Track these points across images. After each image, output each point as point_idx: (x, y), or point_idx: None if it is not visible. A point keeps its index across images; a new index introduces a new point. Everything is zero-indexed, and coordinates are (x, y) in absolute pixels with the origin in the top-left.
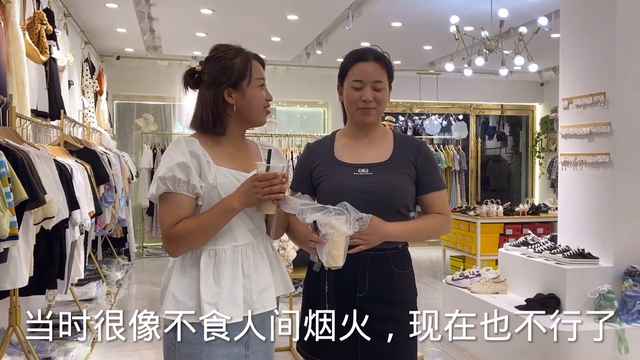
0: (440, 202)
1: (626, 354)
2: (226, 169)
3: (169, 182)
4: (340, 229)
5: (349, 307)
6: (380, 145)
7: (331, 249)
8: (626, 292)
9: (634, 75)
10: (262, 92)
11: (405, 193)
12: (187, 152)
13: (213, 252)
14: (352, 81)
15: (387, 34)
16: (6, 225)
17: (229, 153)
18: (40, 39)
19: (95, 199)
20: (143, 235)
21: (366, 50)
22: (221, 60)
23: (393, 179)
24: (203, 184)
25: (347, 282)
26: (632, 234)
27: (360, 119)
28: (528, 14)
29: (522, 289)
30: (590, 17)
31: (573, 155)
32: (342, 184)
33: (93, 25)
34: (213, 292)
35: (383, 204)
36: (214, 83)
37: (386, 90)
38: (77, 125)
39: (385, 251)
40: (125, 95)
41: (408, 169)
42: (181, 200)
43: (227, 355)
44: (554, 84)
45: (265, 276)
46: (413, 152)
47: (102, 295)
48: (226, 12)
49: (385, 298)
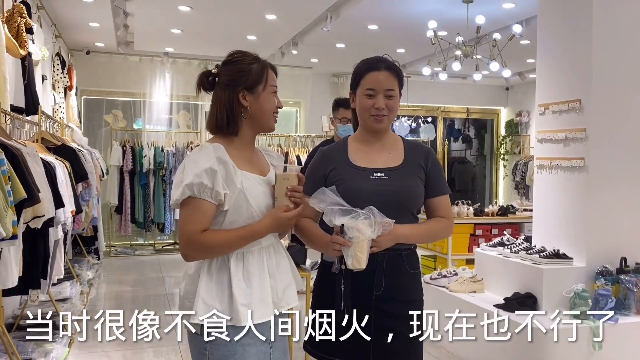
0: (445, 206)
1: (600, 350)
2: (249, 173)
3: (195, 188)
4: (365, 232)
5: (364, 306)
6: (392, 151)
7: (356, 251)
8: (599, 291)
9: (609, 83)
10: (274, 99)
11: (418, 196)
12: (215, 157)
13: (241, 255)
14: (365, 89)
15: (362, 36)
16: (9, 225)
17: (246, 157)
18: (19, 33)
19: (76, 197)
20: (111, 234)
21: (378, 59)
22: (239, 63)
23: (407, 183)
24: (227, 191)
25: (364, 281)
26: (605, 236)
27: (373, 126)
28: (501, 21)
29: (499, 288)
30: (567, 25)
31: (548, 160)
32: (359, 187)
33: (65, 18)
34: (245, 294)
35: (398, 206)
36: (231, 85)
37: (397, 98)
38: (52, 121)
39: (400, 251)
40: (94, 90)
41: (419, 173)
42: (205, 207)
43: (257, 353)
44: (519, 88)
45: (287, 274)
46: (423, 157)
47: (76, 295)
48: (204, 10)
49: (398, 297)
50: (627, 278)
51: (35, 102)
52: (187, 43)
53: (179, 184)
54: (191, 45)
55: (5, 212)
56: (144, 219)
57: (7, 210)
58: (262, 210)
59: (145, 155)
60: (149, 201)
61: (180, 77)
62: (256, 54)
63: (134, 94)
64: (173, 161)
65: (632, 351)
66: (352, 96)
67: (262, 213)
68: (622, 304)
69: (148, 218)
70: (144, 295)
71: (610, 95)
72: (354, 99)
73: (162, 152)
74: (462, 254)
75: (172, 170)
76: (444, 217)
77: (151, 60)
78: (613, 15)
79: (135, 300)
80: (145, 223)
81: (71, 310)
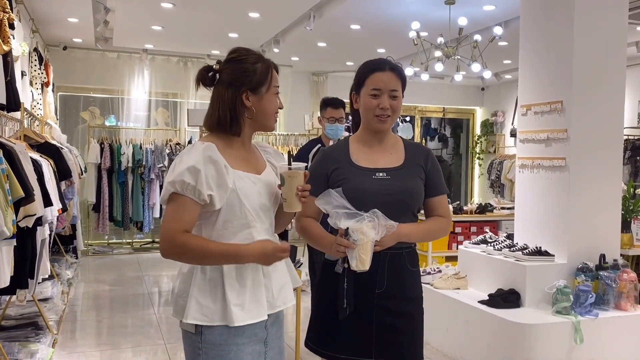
0: (444, 206)
1: (581, 343)
2: (242, 172)
3: (177, 185)
4: (369, 234)
5: (366, 303)
6: (393, 151)
7: (360, 253)
8: (579, 287)
9: (590, 85)
10: (277, 100)
11: (419, 196)
12: (202, 157)
13: None
14: (371, 89)
15: (344, 35)
16: (10, 224)
17: (241, 156)
18: (3, 28)
19: (61, 195)
20: (89, 233)
21: (382, 60)
22: (243, 62)
23: (409, 183)
24: (213, 192)
25: (366, 280)
26: (584, 233)
27: (377, 126)
28: (482, 22)
29: (482, 285)
30: (549, 27)
31: (530, 159)
32: (362, 186)
33: (43, 13)
34: (239, 294)
35: (400, 206)
36: (234, 84)
37: (400, 99)
38: (33, 118)
39: (402, 250)
40: (70, 87)
41: (420, 173)
42: (187, 204)
43: (251, 352)
44: (494, 89)
45: (283, 273)
46: (423, 158)
47: (57, 295)
48: (187, 7)
49: (399, 294)
50: (606, 274)
51: (16, 99)
52: (167, 40)
53: (166, 182)
54: (171, 42)
55: (6, 211)
56: (122, 218)
57: (8, 209)
58: (256, 210)
59: (123, 152)
60: (127, 199)
61: (158, 74)
62: (260, 52)
63: (111, 91)
64: (152, 159)
65: (611, 344)
66: (355, 97)
67: (256, 213)
68: (602, 299)
69: (126, 216)
70: (124, 294)
71: (591, 96)
72: (356, 99)
73: (140, 150)
74: (442, 252)
75: (151, 167)
76: (442, 216)
77: (129, 57)
78: (594, 18)
79: (116, 300)
80: (123, 221)
81: (53, 310)
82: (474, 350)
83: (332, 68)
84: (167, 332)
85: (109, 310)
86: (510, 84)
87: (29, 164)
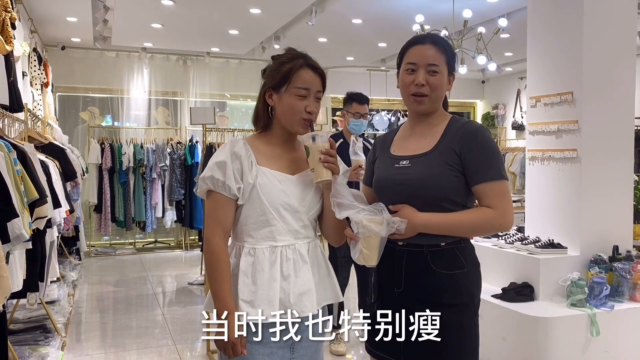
0: (491, 195)
1: (597, 336)
2: (268, 170)
3: (209, 182)
4: (373, 229)
5: (390, 301)
6: (429, 135)
7: (363, 247)
8: (593, 279)
9: (600, 76)
10: (300, 103)
11: (442, 184)
12: (230, 152)
13: (253, 251)
14: (406, 64)
15: (345, 30)
16: (27, 226)
17: (276, 154)
18: (5, 28)
19: (67, 196)
20: (91, 234)
21: (425, 34)
22: (277, 61)
23: (430, 171)
24: (241, 185)
25: (385, 277)
26: (597, 225)
27: (413, 107)
28: (485, 14)
29: (494, 279)
30: (558, 18)
31: (541, 151)
32: (382, 176)
33: (42, 13)
34: (249, 290)
35: (418, 197)
36: (265, 81)
37: (443, 76)
38: (36, 119)
39: (423, 248)
40: (69, 87)
41: (450, 158)
42: (220, 200)
43: (270, 355)
44: (495, 81)
45: (306, 280)
46: (460, 140)
47: (64, 297)
48: (187, 4)
49: (426, 298)
50: (620, 266)
51: (19, 99)
52: (167, 38)
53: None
54: (170, 40)
55: (23, 213)
56: (125, 218)
57: (24, 211)
58: (277, 208)
59: (124, 152)
60: (129, 199)
61: (158, 73)
62: (301, 53)
63: (110, 90)
64: (153, 158)
65: (628, 336)
66: (399, 76)
67: (276, 211)
68: (616, 291)
69: (129, 216)
70: (129, 295)
71: (602, 87)
72: (399, 78)
73: (141, 149)
74: None
75: (152, 167)
76: (489, 206)
77: (128, 56)
78: (604, 7)
79: (120, 301)
80: (125, 222)
81: (60, 313)
82: (489, 344)
83: (333, 64)
84: (173, 332)
85: (114, 312)
86: (511, 76)
87: (37, 166)
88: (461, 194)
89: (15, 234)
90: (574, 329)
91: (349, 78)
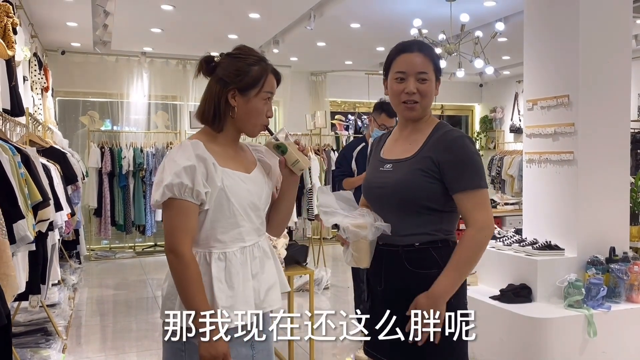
0: (466, 205)
1: (594, 337)
2: (231, 170)
3: (175, 189)
4: (360, 233)
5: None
6: (414, 140)
7: (353, 251)
8: (591, 280)
9: (596, 79)
10: (265, 107)
11: (417, 191)
12: (194, 155)
13: (223, 256)
14: (395, 72)
15: (344, 34)
16: (31, 228)
17: (229, 154)
18: (7, 33)
19: (68, 200)
20: (91, 237)
21: (411, 41)
22: (240, 61)
23: (404, 176)
24: (208, 189)
25: (372, 275)
26: (594, 226)
27: (405, 114)
28: (482, 18)
29: (492, 281)
30: (553, 22)
31: (538, 154)
32: (367, 179)
33: (42, 18)
34: (227, 296)
35: (399, 202)
36: (225, 80)
37: (431, 82)
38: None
39: (399, 247)
40: (69, 91)
41: (426, 165)
42: (186, 208)
43: (236, 356)
44: (493, 85)
45: (271, 275)
46: (439, 148)
47: (64, 300)
48: (187, 9)
49: (402, 298)
50: (617, 267)
51: (20, 104)
52: (166, 42)
53: (159, 184)
54: (170, 44)
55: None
56: (125, 221)
57: (28, 213)
58: (245, 209)
59: (124, 156)
60: (129, 203)
61: (158, 77)
62: (263, 55)
63: (110, 95)
64: (153, 162)
65: (624, 337)
66: (385, 82)
67: (244, 212)
68: (613, 292)
69: (128, 220)
70: (129, 298)
71: (598, 90)
72: (386, 85)
73: (141, 153)
74: None
75: (152, 171)
76: (466, 221)
77: (128, 60)
78: (600, 10)
79: (120, 304)
80: (125, 225)
81: (61, 316)
82: (487, 345)
83: (331, 68)
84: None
85: (114, 315)
86: (509, 79)
87: (40, 169)
88: (437, 200)
89: (20, 235)
90: (572, 329)
91: (347, 82)
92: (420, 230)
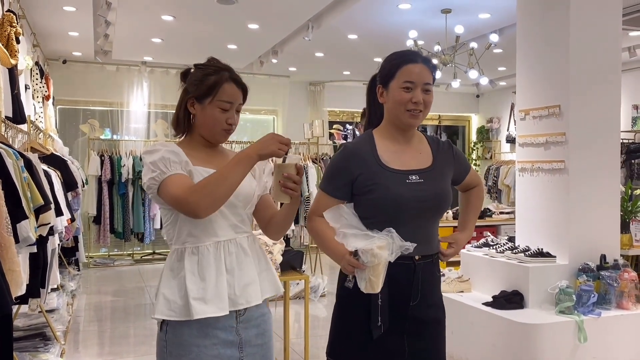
0: (475, 176)
1: (585, 342)
2: (202, 168)
3: (160, 164)
4: (382, 256)
5: (400, 317)
6: (421, 150)
7: (371, 276)
8: (581, 287)
9: (586, 89)
10: (222, 115)
11: (449, 198)
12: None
13: (196, 250)
14: (403, 82)
15: (341, 45)
16: (33, 230)
17: (201, 157)
18: (10, 42)
19: (69, 206)
20: (90, 245)
21: (413, 52)
22: (201, 71)
23: (442, 185)
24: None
25: (401, 293)
26: (585, 234)
27: (409, 122)
28: (477, 30)
29: (485, 287)
30: (545, 34)
31: (530, 163)
32: (397, 193)
33: (44, 28)
34: (199, 288)
35: (435, 211)
36: (187, 89)
37: (432, 93)
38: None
39: (432, 257)
40: (70, 100)
41: (449, 170)
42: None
43: (218, 356)
44: (489, 95)
45: (249, 272)
46: (449, 152)
47: (63, 306)
48: (187, 19)
49: (429, 301)
50: (607, 274)
51: (22, 111)
52: (166, 52)
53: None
54: (170, 54)
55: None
56: (123, 229)
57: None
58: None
59: (123, 164)
60: (128, 211)
61: (157, 86)
62: (225, 66)
63: (110, 103)
64: None
65: (614, 343)
66: (381, 90)
67: (220, 212)
68: (604, 298)
69: (127, 228)
70: (127, 305)
71: (588, 100)
72: (382, 93)
73: (140, 162)
74: None
75: None
76: (476, 184)
77: (128, 69)
78: (590, 23)
79: (118, 310)
80: (124, 233)
81: (60, 321)
82: (479, 351)
83: (329, 78)
84: None
85: (112, 321)
86: (505, 90)
87: (42, 174)
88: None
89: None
90: (563, 335)
91: (345, 92)
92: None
